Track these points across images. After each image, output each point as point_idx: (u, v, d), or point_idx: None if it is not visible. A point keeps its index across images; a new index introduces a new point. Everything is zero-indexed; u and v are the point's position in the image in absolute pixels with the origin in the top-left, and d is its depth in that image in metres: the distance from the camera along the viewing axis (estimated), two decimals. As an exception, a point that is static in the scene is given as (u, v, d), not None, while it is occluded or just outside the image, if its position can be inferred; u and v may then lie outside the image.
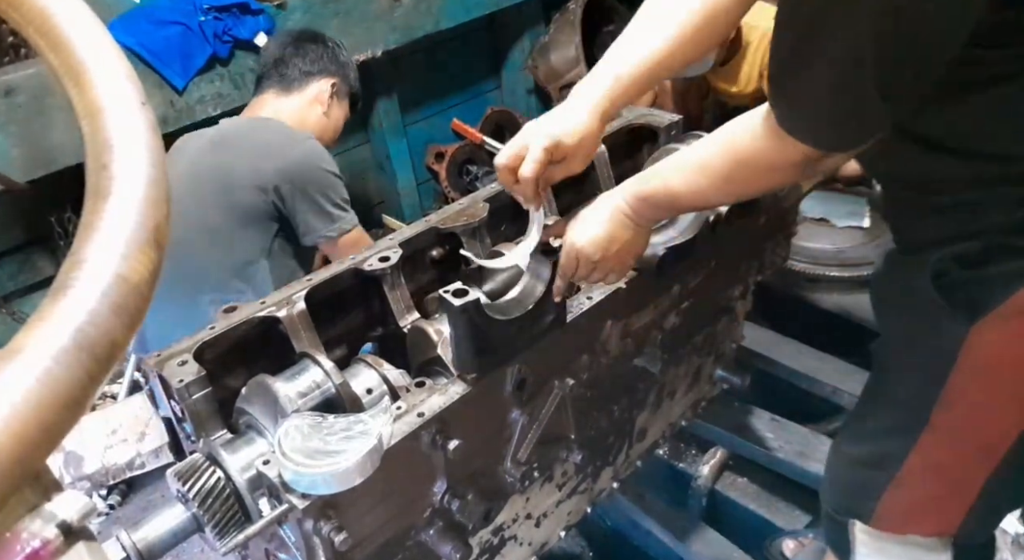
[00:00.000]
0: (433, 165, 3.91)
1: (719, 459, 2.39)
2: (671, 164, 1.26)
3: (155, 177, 0.64)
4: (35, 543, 0.52)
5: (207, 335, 1.31)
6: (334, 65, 2.39)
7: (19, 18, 0.75)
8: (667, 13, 1.32)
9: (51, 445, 0.50)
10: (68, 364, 0.51)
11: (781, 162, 1.08)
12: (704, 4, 1.30)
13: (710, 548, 2.14)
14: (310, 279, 1.44)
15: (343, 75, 2.42)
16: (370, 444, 1.04)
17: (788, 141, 1.03)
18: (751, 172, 1.14)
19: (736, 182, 1.18)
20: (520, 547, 1.64)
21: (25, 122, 2.35)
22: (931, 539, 1.31)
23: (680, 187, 1.22)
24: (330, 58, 2.39)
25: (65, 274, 0.56)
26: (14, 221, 2.69)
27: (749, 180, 1.17)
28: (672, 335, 1.73)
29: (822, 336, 2.57)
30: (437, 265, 1.66)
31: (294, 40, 2.39)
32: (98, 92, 0.69)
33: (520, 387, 1.34)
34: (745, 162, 1.13)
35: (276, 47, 2.40)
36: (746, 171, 1.14)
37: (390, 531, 1.25)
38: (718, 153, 1.17)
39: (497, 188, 1.72)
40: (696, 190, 1.21)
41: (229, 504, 1.15)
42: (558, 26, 3.90)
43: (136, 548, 1.10)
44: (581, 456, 1.55)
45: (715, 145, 1.18)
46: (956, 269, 1.09)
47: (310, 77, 2.35)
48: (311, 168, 2.14)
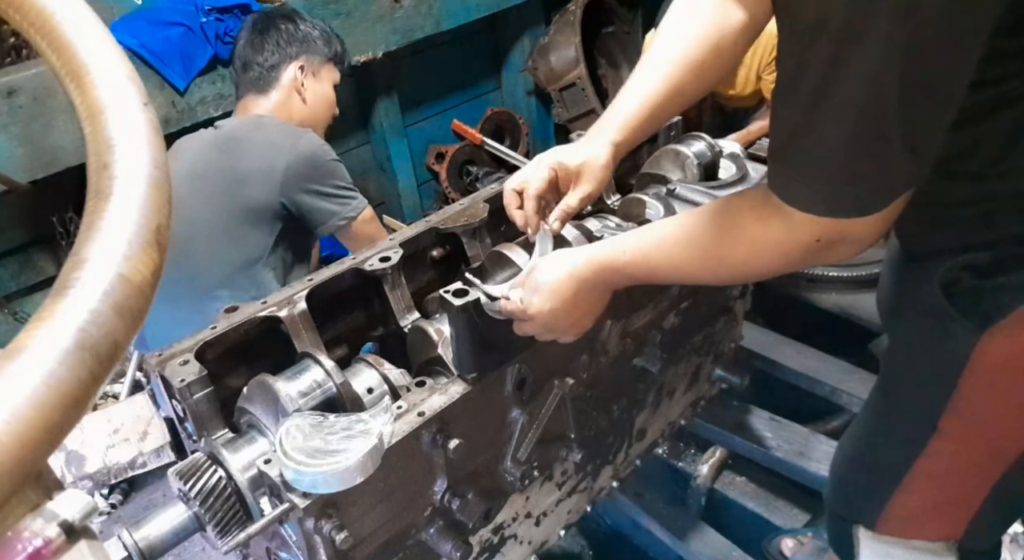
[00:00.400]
0: (433, 166, 3.91)
1: (718, 458, 2.40)
2: (651, 235, 1.15)
3: (157, 178, 0.65)
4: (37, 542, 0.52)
5: (209, 335, 1.31)
6: (293, 45, 2.31)
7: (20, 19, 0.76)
8: (676, 47, 1.32)
9: (53, 445, 0.50)
10: (70, 364, 0.51)
11: (789, 244, 0.96)
12: (712, 38, 1.30)
13: (709, 547, 2.15)
14: (311, 279, 1.44)
15: (307, 50, 2.33)
16: (371, 443, 1.05)
17: (797, 219, 0.92)
18: (751, 255, 1.01)
19: (733, 265, 1.05)
20: (520, 546, 1.64)
21: (27, 123, 2.36)
22: (936, 544, 1.31)
23: (662, 262, 1.12)
24: (287, 40, 2.31)
25: (67, 274, 0.56)
26: (16, 221, 2.69)
27: (749, 263, 1.04)
28: (671, 335, 1.73)
29: (820, 336, 2.57)
30: (437, 265, 1.67)
31: (248, 37, 2.33)
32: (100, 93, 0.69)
33: (520, 387, 1.35)
34: (745, 241, 1.01)
35: (238, 51, 2.35)
36: (745, 253, 1.02)
37: (391, 530, 1.25)
38: (713, 230, 1.05)
39: (497, 189, 1.72)
40: (682, 268, 1.11)
41: (230, 503, 1.15)
42: (558, 27, 3.90)
43: (138, 547, 1.10)
44: (581, 455, 1.56)
45: (709, 219, 1.06)
46: (967, 278, 1.06)
47: (276, 70, 2.30)
48: (315, 160, 2.14)
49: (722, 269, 1.07)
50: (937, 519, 1.29)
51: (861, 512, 1.37)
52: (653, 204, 1.61)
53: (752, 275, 1.16)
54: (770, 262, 1.02)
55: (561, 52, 3.86)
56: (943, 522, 1.29)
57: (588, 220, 1.69)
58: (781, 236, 0.96)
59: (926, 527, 1.31)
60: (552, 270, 1.20)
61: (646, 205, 1.62)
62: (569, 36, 3.83)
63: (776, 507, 2.31)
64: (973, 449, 1.19)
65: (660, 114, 1.35)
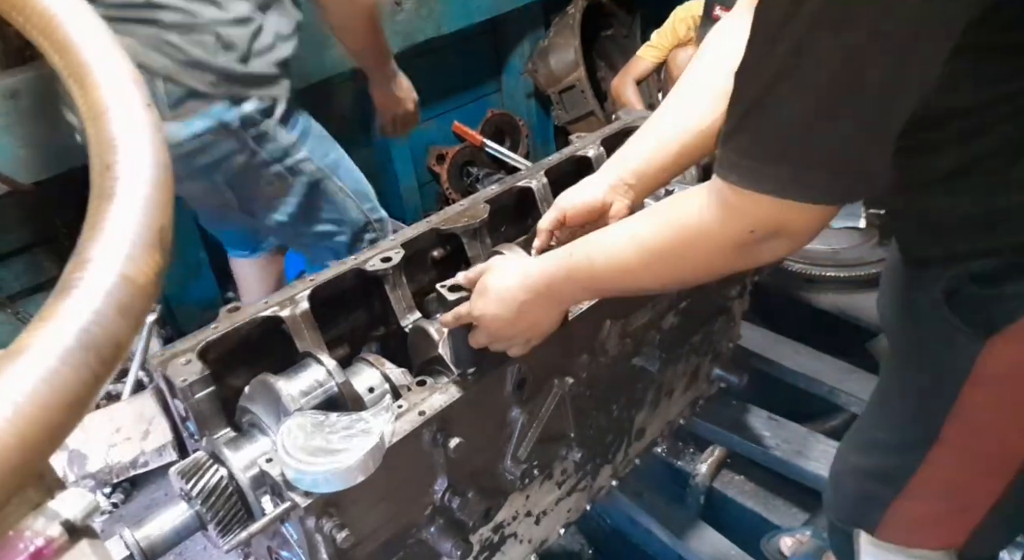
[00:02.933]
0: (434, 167, 3.92)
1: (717, 457, 2.40)
2: (597, 237, 1.10)
3: (160, 178, 0.65)
4: (39, 541, 0.53)
5: (211, 334, 1.32)
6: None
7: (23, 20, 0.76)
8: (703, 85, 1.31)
9: (55, 444, 0.51)
10: (73, 364, 0.51)
11: (722, 235, 0.92)
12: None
13: (708, 545, 2.15)
14: (312, 279, 1.45)
15: None
16: (372, 442, 1.05)
17: (735, 205, 0.89)
18: (686, 247, 0.97)
19: (670, 261, 1.01)
20: (520, 544, 1.65)
21: (30, 123, 2.36)
22: (937, 553, 1.30)
23: (605, 265, 1.06)
24: None
25: (69, 274, 0.56)
26: (20, 222, 2.69)
27: (685, 257, 0.99)
28: (670, 335, 1.74)
29: (819, 335, 2.58)
30: (438, 265, 1.67)
31: None
32: (102, 93, 0.70)
33: (520, 386, 1.35)
34: (681, 234, 0.97)
35: None
36: (681, 246, 0.98)
37: (391, 529, 1.25)
38: (653, 225, 1.01)
39: (497, 189, 1.73)
40: (622, 267, 1.05)
41: (232, 502, 1.16)
42: (557, 30, 3.91)
43: (139, 546, 1.11)
44: (580, 454, 1.56)
45: (652, 216, 1.03)
46: (970, 286, 1.05)
47: None
48: None
49: (660, 266, 1.02)
50: (939, 528, 1.28)
51: (861, 518, 1.36)
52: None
53: (688, 273, 1.06)
54: (705, 255, 0.97)
55: (561, 55, 3.87)
56: (945, 531, 1.28)
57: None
58: (715, 226, 0.92)
59: (928, 535, 1.30)
60: (503, 276, 1.16)
61: (645, 206, 1.62)
62: (569, 39, 3.84)
63: (775, 506, 2.32)
64: (976, 458, 1.18)
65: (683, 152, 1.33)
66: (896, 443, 1.28)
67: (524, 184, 1.75)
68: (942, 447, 1.18)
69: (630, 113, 2.03)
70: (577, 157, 1.85)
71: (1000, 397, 1.10)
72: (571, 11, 3.88)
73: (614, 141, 1.91)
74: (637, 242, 1.02)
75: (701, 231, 0.94)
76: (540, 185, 1.75)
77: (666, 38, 3.38)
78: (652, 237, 1.00)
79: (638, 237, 1.02)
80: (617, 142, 1.93)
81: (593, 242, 1.09)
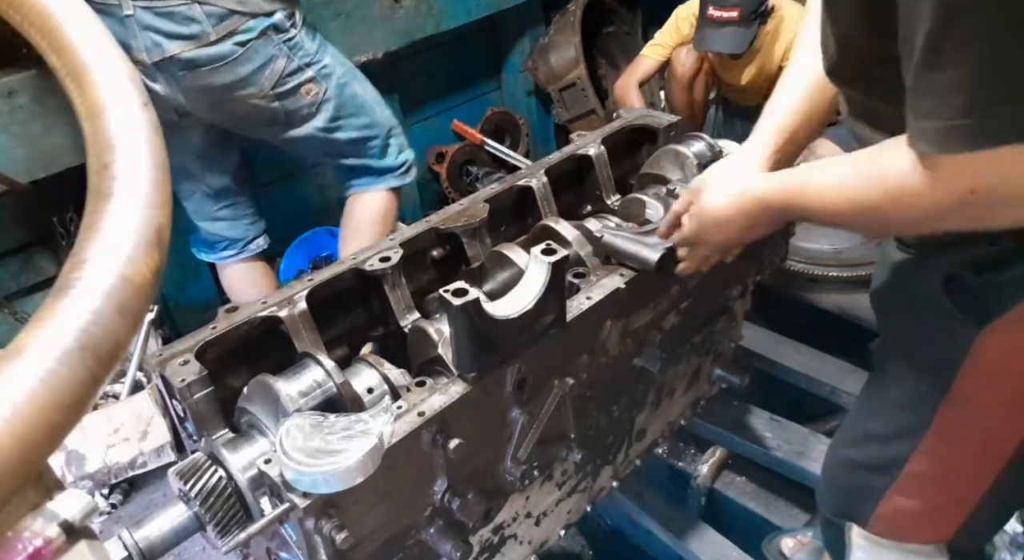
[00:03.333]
0: (434, 166, 3.91)
1: (718, 458, 2.40)
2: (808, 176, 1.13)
3: (158, 178, 0.65)
4: (37, 542, 0.53)
5: (209, 335, 1.31)
6: None
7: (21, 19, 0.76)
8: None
9: (53, 445, 0.51)
10: (71, 364, 0.51)
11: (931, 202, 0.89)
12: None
13: (709, 547, 2.15)
14: (311, 279, 1.45)
15: None
16: (371, 443, 1.05)
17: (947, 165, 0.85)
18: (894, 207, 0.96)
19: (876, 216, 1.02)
20: (520, 545, 1.64)
21: (27, 123, 2.36)
22: (929, 547, 1.31)
23: (816, 205, 1.10)
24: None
25: (67, 274, 0.56)
26: (16, 221, 2.69)
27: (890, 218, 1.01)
28: (671, 335, 1.73)
29: (820, 336, 2.58)
30: (437, 265, 1.67)
31: None
32: (100, 92, 0.69)
33: (520, 386, 1.35)
34: (890, 196, 0.95)
35: None
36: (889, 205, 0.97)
37: (391, 530, 1.25)
38: (861, 179, 1.01)
39: (497, 189, 1.72)
40: (834, 213, 1.09)
41: (231, 503, 1.15)
42: (558, 27, 3.90)
43: (138, 547, 1.10)
44: (581, 455, 1.56)
45: (859, 165, 1.02)
46: (968, 274, 1.06)
47: None
48: None
49: (867, 218, 1.05)
50: (929, 520, 1.30)
51: (853, 511, 1.37)
52: (653, 204, 1.61)
53: (898, 229, 1.14)
54: (916, 215, 0.96)
55: (561, 52, 3.86)
56: (935, 523, 1.29)
57: (588, 220, 1.70)
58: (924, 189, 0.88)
59: (919, 529, 1.31)
60: (717, 197, 1.26)
61: (646, 205, 1.62)
62: (569, 36, 3.83)
63: (776, 507, 2.32)
64: (967, 446, 1.20)
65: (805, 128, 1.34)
66: (889, 432, 1.29)
67: (524, 183, 1.74)
68: (934, 435, 1.20)
69: (631, 112, 2.03)
70: (578, 156, 1.85)
71: (993, 385, 1.12)
72: (572, 8, 3.88)
73: (615, 140, 1.91)
74: (845, 195, 1.03)
75: (906, 191, 0.92)
76: (540, 184, 1.74)
77: (670, 36, 3.38)
78: (857, 192, 1.01)
79: (846, 190, 1.03)
80: (619, 140, 1.93)
81: (804, 182, 1.12)
